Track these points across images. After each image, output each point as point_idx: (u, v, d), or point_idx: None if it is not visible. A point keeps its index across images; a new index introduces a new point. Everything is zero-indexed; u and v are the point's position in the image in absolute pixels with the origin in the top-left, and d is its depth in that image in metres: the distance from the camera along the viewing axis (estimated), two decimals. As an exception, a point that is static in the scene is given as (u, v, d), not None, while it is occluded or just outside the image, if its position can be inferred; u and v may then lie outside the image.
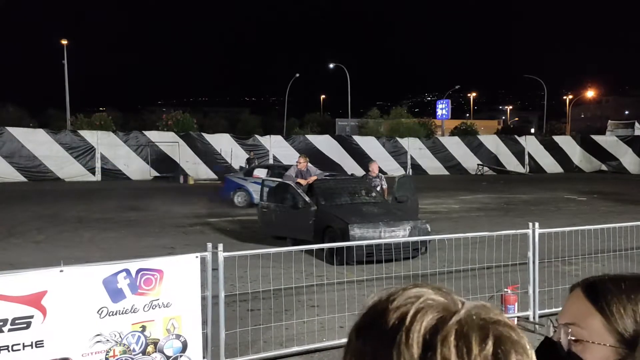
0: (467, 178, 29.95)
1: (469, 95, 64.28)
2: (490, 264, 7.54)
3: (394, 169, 28.56)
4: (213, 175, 27.91)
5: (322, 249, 7.06)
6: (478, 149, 33.47)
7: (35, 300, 4.13)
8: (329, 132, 32.78)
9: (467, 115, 57.56)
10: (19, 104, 30.50)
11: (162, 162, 27.06)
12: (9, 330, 4.03)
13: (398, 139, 31.97)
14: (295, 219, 9.95)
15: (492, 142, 34.38)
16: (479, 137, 34.85)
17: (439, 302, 0.65)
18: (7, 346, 4.02)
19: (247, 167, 25.57)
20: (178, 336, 4.68)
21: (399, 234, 8.84)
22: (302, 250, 6.85)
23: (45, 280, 4.20)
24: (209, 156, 28.21)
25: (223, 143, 28.60)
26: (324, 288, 6.52)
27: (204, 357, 4.91)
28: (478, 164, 32.70)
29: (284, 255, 6.65)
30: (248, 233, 11.81)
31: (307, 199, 9.91)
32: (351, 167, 29.00)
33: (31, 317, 4.11)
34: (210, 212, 15.67)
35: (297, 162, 10.90)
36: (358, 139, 31.85)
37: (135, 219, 14.29)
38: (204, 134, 28.68)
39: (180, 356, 4.67)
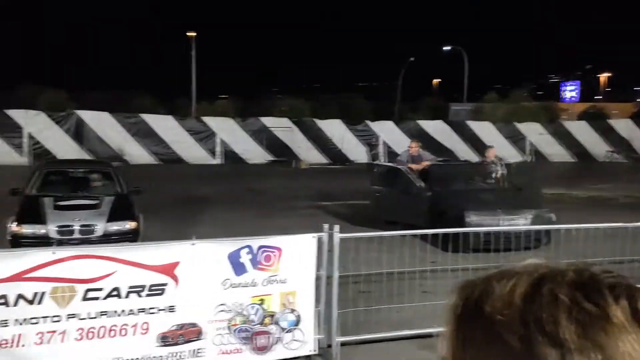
0: (595, 165, 27.64)
1: (599, 75, 58.93)
2: (622, 259, 6.92)
3: (512, 156, 27.10)
4: (324, 160, 28.44)
5: (437, 235, 6.93)
6: (608, 134, 30.70)
7: (169, 269, 4.53)
8: (442, 117, 31.81)
9: (598, 97, 52.83)
10: (152, 92, 33.17)
11: (276, 146, 28.07)
12: (147, 295, 4.46)
13: (516, 124, 30.27)
14: (407, 204, 9.85)
15: (624, 127, 31.33)
16: (609, 121, 31.91)
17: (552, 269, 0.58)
18: (144, 309, 4.46)
19: (369, 153, 25.67)
20: (292, 310, 4.91)
21: (519, 223, 8.41)
22: (416, 236, 6.77)
23: (178, 252, 4.59)
24: (321, 141, 28.76)
25: (334, 128, 28.98)
26: (437, 274, 6.41)
27: (317, 333, 5.08)
28: (607, 151, 30.02)
29: (398, 239, 6.63)
30: (360, 217, 11.90)
31: (420, 184, 9.77)
32: (464, 153, 27.99)
33: (165, 284, 4.51)
34: (322, 195, 16.02)
35: (408, 146, 10.77)
36: (472, 124, 30.64)
37: (252, 200, 15.03)
38: (316, 120, 29.26)
39: (294, 329, 4.91)
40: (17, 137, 24.82)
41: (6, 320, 4.12)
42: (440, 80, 59.61)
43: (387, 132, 29.27)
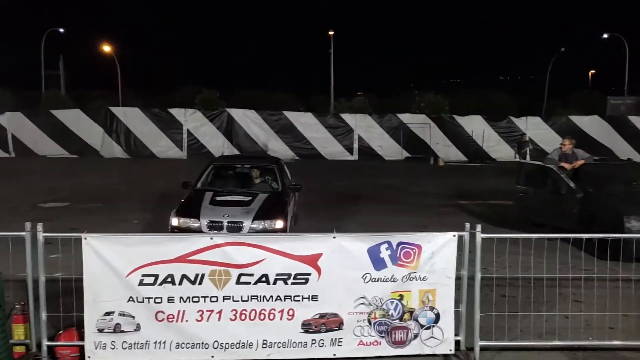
0: None
1: None
2: None
3: (684, 155, 23.87)
4: (463, 157, 27.50)
5: (591, 241, 6.36)
6: None
7: (312, 260, 4.72)
8: (597, 112, 28.98)
9: None
10: (293, 90, 34.76)
11: (413, 143, 27.75)
12: (292, 283, 4.70)
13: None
14: (557, 205, 9.16)
15: None
16: None
17: None
18: (291, 296, 4.70)
19: (516, 151, 24.19)
20: (432, 308, 4.86)
21: (694, 231, 7.39)
22: (567, 240, 6.27)
23: (321, 244, 4.76)
24: (459, 138, 27.86)
25: (474, 125, 27.88)
26: (592, 283, 5.88)
27: (456, 334, 4.95)
28: None
29: (545, 243, 6.21)
30: (502, 218, 11.34)
31: (572, 184, 9.02)
32: (625, 151, 25.26)
33: (309, 274, 4.71)
34: (461, 194, 15.52)
35: (561, 144, 9.97)
36: (635, 119, 27.51)
37: (389, 196, 15.04)
38: (455, 116, 28.39)
39: (433, 326, 4.86)
40: (178, 134, 27.53)
41: (173, 297, 4.62)
42: (594, 71, 54.29)
43: (534, 128, 27.45)
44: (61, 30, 37.74)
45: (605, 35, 36.82)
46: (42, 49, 35.55)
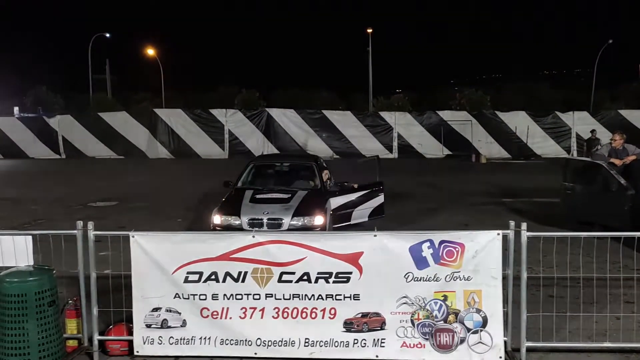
0: None
1: None
2: None
3: None
4: (506, 154, 26.89)
5: (643, 239, 6.10)
6: None
7: (353, 259, 4.70)
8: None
9: None
10: (331, 89, 34.80)
11: (454, 140, 27.32)
12: (333, 282, 4.70)
13: None
14: (606, 203, 8.83)
15: None
16: None
17: None
18: (332, 295, 4.70)
19: (585, 150, 22.95)
20: (478, 310, 4.70)
21: None
22: (617, 239, 6.05)
23: (362, 242, 4.74)
24: (502, 135, 27.25)
25: (518, 121, 27.21)
26: (643, 284, 5.65)
27: (503, 336, 4.83)
28: None
29: (594, 242, 6.00)
30: (548, 216, 11.02)
31: (623, 181, 8.68)
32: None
33: (350, 273, 4.70)
34: (504, 191, 15.18)
35: (611, 139, 9.61)
36: (690, 113, 26.29)
37: (431, 194, 14.86)
38: (497, 112, 27.78)
39: (481, 330, 4.68)
40: (219, 134, 28.01)
41: (217, 294, 4.70)
42: (646, 63, 52.00)
43: (581, 123, 26.57)
44: (107, 35, 38.97)
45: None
46: (89, 53, 36.79)
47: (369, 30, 36.98)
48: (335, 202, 9.31)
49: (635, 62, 52.22)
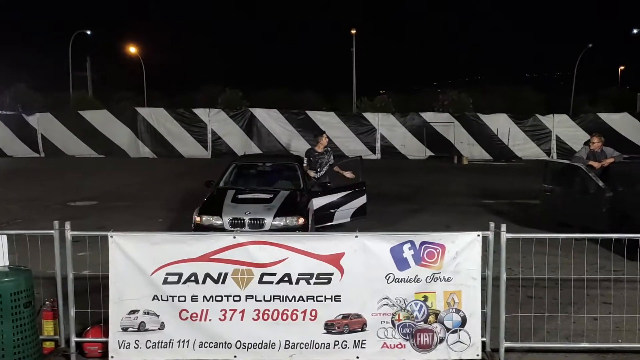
0: None
1: None
2: None
3: None
4: (488, 156, 27.15)
5: (621, 241, 6.21)
6: None
7: (335, 260, 4.70)
8: (627, 109, 28.28)
9: None
10: (315, 89, 34.78)
11: (436, 142, 27.49)
12: (314, 283, 4.70)
13: None
14: (585, 205, 8.97)
15: None
16: None
17: None
18: (313, 296, 4.69)
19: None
20: (458, 311, 4.76)
21: None
22: (595, 241, 6.14)
23: (343, 243, 4.74)
24: (484, 137, 27.51)
25: (499, 123, 27.49)
26: (621, 285, 5.75)
27: (482, 336, 4.88)
28: None
29: (572, 243, 6.08)
30: (527, 217, 11.16)
31: (601, 183, 8.82)
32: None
33: (331, 274, 4.70)
34: (485, 193, 15.33)
35: (590, 142, 9.76)
36: (667, 116, 26.81)
37: (413, 195, 14.94)
38: (479, 114, 28.04)
39: (460, 330, 4.75)
40: (202, 133, 27.81)
41: (196, 296, 4.66)
42: (624, 67, 52.97)
43: (561, 126, 26.95)
44: (88, 32, 38.48)
45: (634, 30, 35.93)
46: (70, 50, 36.28)
47: (353, 32, 37.07)
48: (318, 202, 9.31)
49: (614, 66, 53.21)
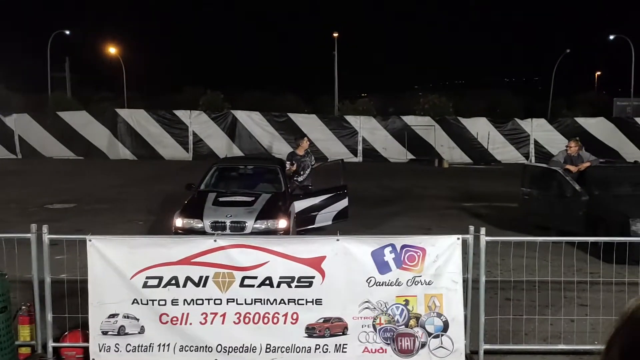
0: None
1: None
2: None
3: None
4: (468, 159, 27.43)
5: (597, 244, 6.33)
6: None
7: (316, 263, 4.70)
8: (604, 113, 28.84)
9: None
10: (297, 92, 34.82)
11: (417, 145, 27.69)
12: (296, 286, 4.69)
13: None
14: (562, 208, 9.13)
15: None
16: None
17: None
18: (294, 299, 4.69)
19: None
20: (439, 315, 4.77)
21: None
22: (572, 243, 6.26)
23: (324, 247, 4.75)
24: (464, 140, 27.79)
25: (479, 127, 27.81)
26: (597, 287, 5.85)
27: (464, 340, 4.91)
28: None
29: (550, 246, 6.18)
30: (506, 220, 11.30)
31: (578, 187, 8.99)
32: (632, 153, 25.13)
33: (313, 277, 4.70)
34: (465, 196, 15.48)
35: (567, 146, 9.94)
36: (642, 121, 27.40)
37: (394, 198, 15.02)
38: (459, 118, 28.33)
39: (442, 335, 4.75)
40: (183, 135, 27.60)
41: (177, 300, 4.63)
42: (600, 73, 54.02)
43: (539, 130, 27.37)
44: (67, 32, 37.93)
45: (611, 37, 36.67)
46: (49, 51, 35.71)
47: (335, 35, 37.19)
48: (300, 205, 9.30)
49: (591, 71, 54.21)
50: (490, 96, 32.53)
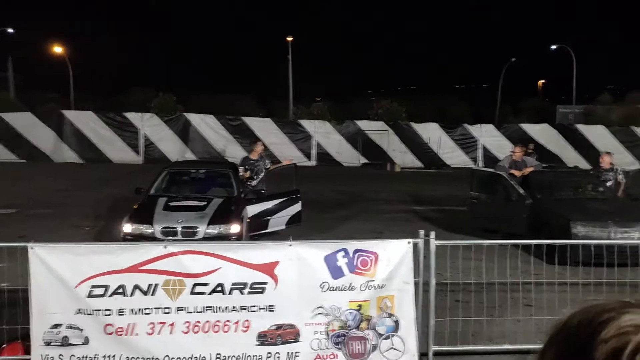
0: None
1: None
2: None
3: (629, 163, 25.01)
4: (419, 164, 27.99)
5: (540, 246, 6.57)
6: None
7: (269, 269, 4.67)
8: (547, 120, 30.07)
9: None
10: (252, 96, 34.57)
11: (370, 149, 28.04)
12: (248, 292, 4.64)
13: (634, 128, 27.90)
14: (508, 212, 9.44)
15: None
16: None
17: None
18: (246, 306, 4.63)
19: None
20: (390, 315, 4.82)
21: (634, 236, 7.77)
22: (517, 246, 6.47)
23: (277, 252, 4.73)
24: (416, 145, 28.34)
25: (431, 132, 28.43)
26: (541, 288, 6.09)
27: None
28: None
29: (497, 249, 6.37)
30: (456, 224, 11.58)
31: (521, 191, 9.32)
32: (573, 159, 26.29)
33: (265, 283, 4.66)
34: (416, 200, 15.78)
35: (511, 151, 10.31)
36: (583, 128, 28.68)
37: (347, 202, 15.13)
38: (412, 123, 28.89)
39: (393, 335, 4.80)
40: (134, 138, 26.90)
41: (123, 309, 4.48)
42: (544, 81, 56.32)
43: (487, 135, 28.23)
44: (10, 30, 36.33)
45: (553, 47, 38.31)
46: (-11, 49, 34.10)
47: (289, 39, 37.21)
48: (252, 210, 9.24)
49: (536, 79, 56.46)
50: (441, 102, 33.35)
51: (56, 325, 4.44)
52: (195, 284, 4.56)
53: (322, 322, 4.69)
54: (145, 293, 4.50)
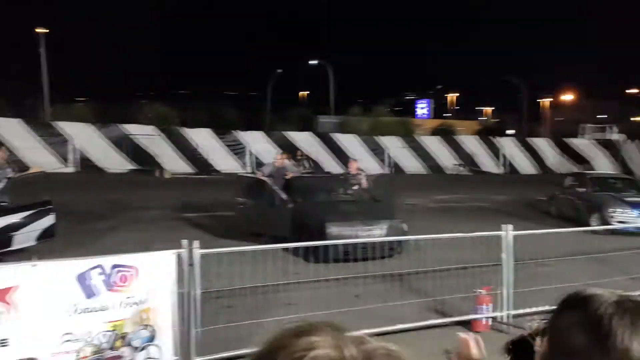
0: (445, 177, 30.24)
1: (448, 95, 65.24)
2: (465, 265, 7.65)
3: (374, 168, 28.69)
4: (190, 169, 27.70)
5: (307, 248, 7.08)
6: (457, 148, 33.81)
7: (3, 295, 4.04)
8: (310, 128, 32.67)
9: (447, 115, 58.37)
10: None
11: (139, 155, 26.73)
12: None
13: (378, 137, 32.10)
14: (272, 216, 9.94)
15: (470, 143, 34.75)
16: (458, 137, 35.18)
17: (329, 357, 0.59)
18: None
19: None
20: (146, 326, 4.63)
21: (376, 233, 8.90)
22: (280, 248, 6.86)
23: (16, 274, 4.13)
24: (187, 150, 27.98)
25: (203, 137, 28.38)
26: (301, 286, 6.54)
27: (175, 354, 4.87)
28: (454, 164, 33.03)
29: (262, 252, 6.65)
30: (225, 229, 11.75)
31: (284, 196, 9.92)
32: (332, 165, 29.03)
33: (-1, 313, 4.03)
34: (187, 206, 15.55)
35: (274, 158, 10.93)
36: (339, 136, 31.88)
37: (111, 212, 14.12)
38: (183, 129, 28.43)
39: (149, 345, 4.63)
40: None
41: None
42: (307, 92, 61.26)
43: (257, 142, 29.36)
44: None
45: (312, 62, 41.97)
46: None
47: (44, 30, 33.17)
48: None
49: (301, 90, 61.02)
50: (214, 108, 33.57)
51: None
52: None
53: (72, 350, 4.25)
54: None
